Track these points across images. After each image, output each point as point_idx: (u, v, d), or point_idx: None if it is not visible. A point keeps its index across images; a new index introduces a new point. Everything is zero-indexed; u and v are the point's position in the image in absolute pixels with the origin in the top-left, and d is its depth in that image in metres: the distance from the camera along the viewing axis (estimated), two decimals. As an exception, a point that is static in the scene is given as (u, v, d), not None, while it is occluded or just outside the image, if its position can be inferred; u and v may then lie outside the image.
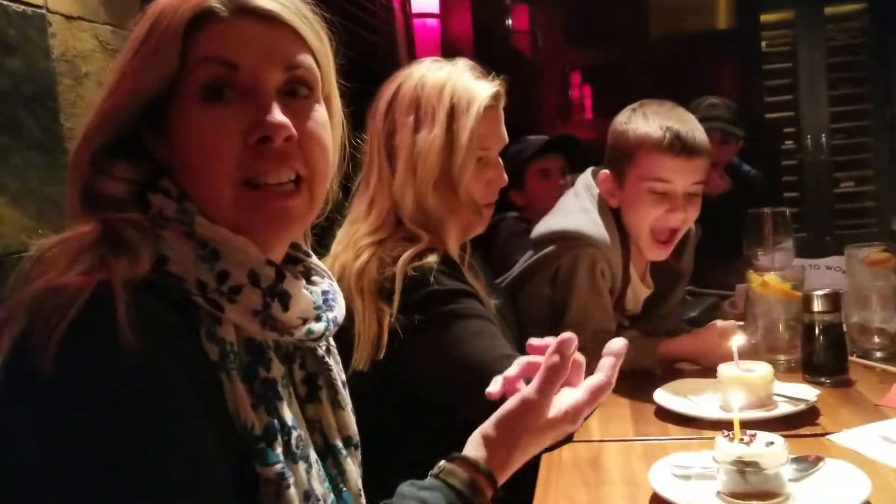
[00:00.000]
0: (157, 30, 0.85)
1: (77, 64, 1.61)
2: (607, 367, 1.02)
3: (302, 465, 0.88)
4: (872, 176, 5.78)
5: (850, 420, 1.42)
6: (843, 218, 5.69)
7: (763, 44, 6.14)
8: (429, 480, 0.95)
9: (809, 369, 1.65)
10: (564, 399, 0.99)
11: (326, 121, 0.94)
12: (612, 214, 1.89)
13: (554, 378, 0.97)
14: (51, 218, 1.45)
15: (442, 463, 0.97)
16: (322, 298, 0.98)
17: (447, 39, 4.07)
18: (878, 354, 1.77)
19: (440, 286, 1.46)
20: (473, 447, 0.98)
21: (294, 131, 0.87)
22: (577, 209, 1.91)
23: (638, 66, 6.02)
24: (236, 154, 0.86)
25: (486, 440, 0.98)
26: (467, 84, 1.57)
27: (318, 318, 0.94)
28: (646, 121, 1.82)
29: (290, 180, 0.89)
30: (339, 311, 1.00)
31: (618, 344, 1.04)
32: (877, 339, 1.79)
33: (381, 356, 1.42)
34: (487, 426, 0.99)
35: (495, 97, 1.59)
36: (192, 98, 0.85)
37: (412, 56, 3.78)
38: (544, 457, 1.38)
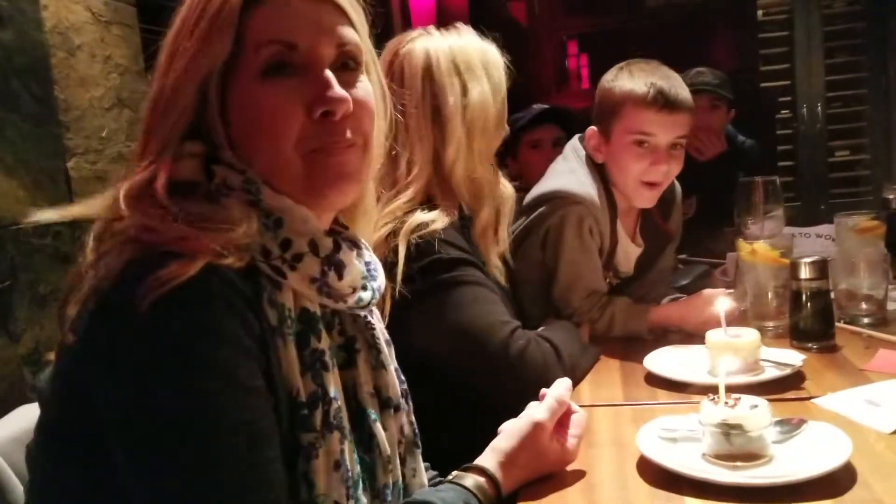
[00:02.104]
0: (211, 9, 0.88)
1: (70, 36, 1.62)
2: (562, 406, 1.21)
3: (336, 435, 0.92)
4: (867, 145, 5.77)
5: (835, 384, 1.44)
6: (837, 187, 5.69)
7: (759, 12, 6.11)
8: (444, 485, 1.05)
9: (796, 335, 1.68)
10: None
11: (371, 90, 0.99)
12: (599, 174, 1.92)
13: (559, 407, 1.19)
14: (45, 189, 1.47)
15: (454, 472, 1.08)
16: (366, 268, 1.02)
17: (442, 8, 4.05)
18: (866, 321, 1.79)
19: (443, 254, 1.48)
20: (485, 457, 1.13)
21: (352, 105, 0.92)
22: (564, 171, 1.95)
23: (635, 35, 5.99)
24: (300, 126, 0.90)
25: (497, 450, 1.13)
26: (482, 42, 1.62)
27: (364, 287, 0.99)
28: (631, 78, 1.87)
29: (348, 146, 0.95)
30: (381, 280, 1.05)
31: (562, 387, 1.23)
32: (864, 306, 1.81)
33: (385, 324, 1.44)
34: (500, 440, 1.15)
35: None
36: (253, 76, 0.89)
37: (407, 25, 3.77)
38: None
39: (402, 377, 1.12)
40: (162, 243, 0.79)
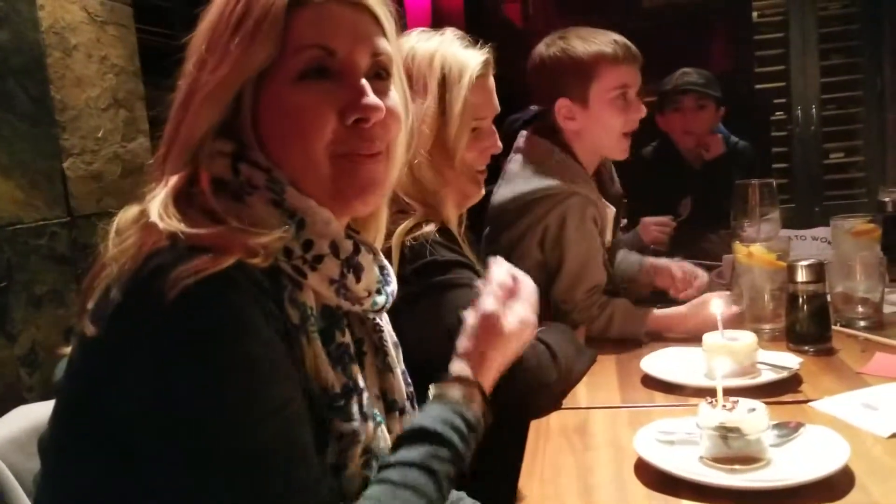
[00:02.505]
0: (256, 12, 0.89)
1: (66, 36, 1.61)
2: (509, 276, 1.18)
3: (371, 424, 0.96)
4: (862, 147, 5.79)
5: (832, 387, 1.45)
6: (832, 189, 5.70)
7: (755, 14, 6.12)
8: (430, 405, 1.02)
9: (793, 338, 1.68)
10: (516, 310, 1.15)
11: (399, 100, 1.01)
12: (569, 154, 1.96)
13: (503, 290, 1.16)
14: (41, 189, 1.46)
15: (432, 387, 1.05)
16: (381, 273, 1.03)
17: (437, 9, 4.05)
18: (862, 323, 1.80)
19: (438, 257, 1.48)
20: (455, 366, 1.10)
21: (384, 113, 0.94)
22: (531, 174, 1.94)
23: (629, 36, 5.99)
24: (332, 130, 0.92)
25: (464, 355, 1.11)
26: (457, 53, 1.57)
27: (379, 291, 1.01)
28: (588, 42, 1.96)
29: (378, 152, 0.97)
30: (394, 285, 1.07)
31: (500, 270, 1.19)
32: (860, 309, 1.82)
33: None
34: (461, 344, 1.12)
35: (485, 65, 1.60)
36: (289, 78, 0.90)
37: (403, 27, 3.76)
38: (533, 424, 1.41)
39: (409, 380, 1.13)
40: (190, 238, 0.79)
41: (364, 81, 0.93)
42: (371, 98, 0.93)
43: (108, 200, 1.72)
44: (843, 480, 1.07)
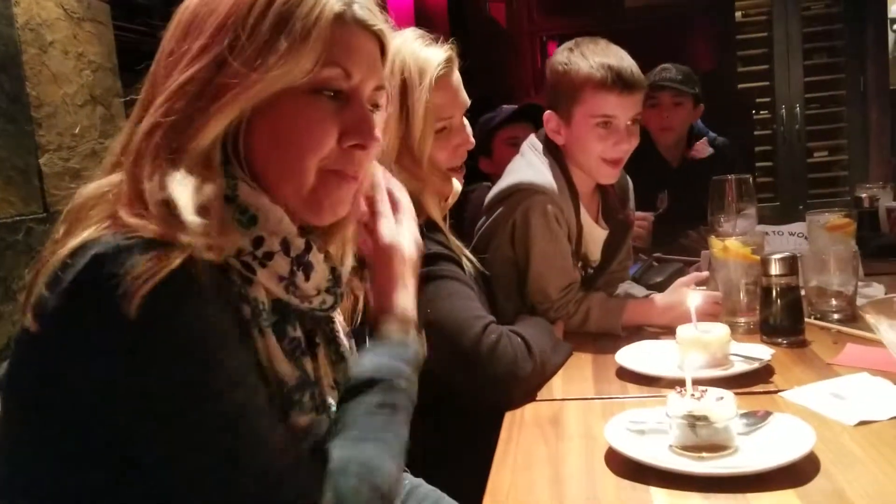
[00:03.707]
0: (300, 13, 0.88)
1: (42, 32, 1.61)
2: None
3: (325, 417, 0.97)
4: (845, 145, 5.83)
5: (803, 378, 1.46)
6: (816, 187, 5.74)
7: (738, 14, 6.16)
8: (368, 351, 1.04)
9: (766, 330, 1.70)
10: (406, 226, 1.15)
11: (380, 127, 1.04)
12: (558, 162, 1.95)
13: (385, 211, 1.13)
14: (17, 186, 1.46)
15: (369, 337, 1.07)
16: (332, 273, 1.02)
17: (420, 9, 4.06)
18: (836, 316, 1.81)
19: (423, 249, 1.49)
20: (377, 301, 1.11)
21: (379, 143, 0.99)
22: (522, 166, 1.97)
23: (613, 36, 6.01)
24: (330, 147, 0.94)
25: (376, 293, 1.11)
26: (417, 55, 1.56)
27: (328, 291, 1.01)
28: (585, 60, 1.90)
29: (358, 175, 1.00)
30: (343, 286, 1.06)
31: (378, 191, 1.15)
32: (834, 302, 1.83)
33: (358, 323, 1.44)
34: (371, 285, 1.13)
35: (447, 63, 1.59)
36: (304, 90, 0.91)
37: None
38: (507, 415, 1.42)
39: None
40: (138, 229, 0.79)
41: (369, 111, 0.97)
42: (374, 128, 0.97)
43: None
44: (808, 467, 1.09)
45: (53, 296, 0.78)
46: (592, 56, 1.90)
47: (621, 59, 1.90)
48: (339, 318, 1.10)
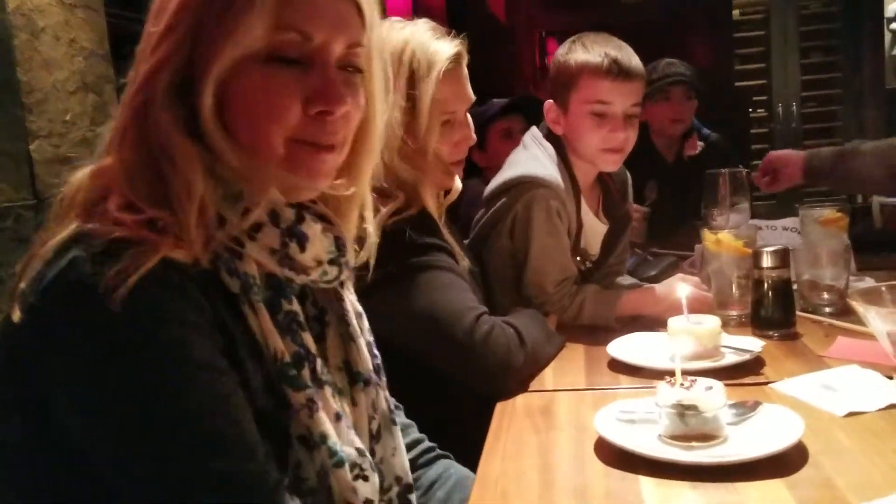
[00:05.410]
0: None
1: (34, 18, 1.61)
2: None
3: (328, 390, 0.94)
4: (841, 143, 5.84)
5: (794, 370, 1.46)
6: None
7: (736, 12, 6.17)
8: None
9: (758, 323, 1.70)
10: None
11: (376, 93, 1.00)
12: (560, 157, 1.94)
13: None
14: (7, 171, 1.46)
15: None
16: (335, 243, 1.00)
17: (418, 3, 4.05)
18: (828, 310, 1.81)
19: (416, 239, 1.49)
20: None
21: (350, 108, 0.93)
22: (525, 158, 1.96)
23: (610, 32, 6.01)
24: (296, 116, 0.90)
25: None
26: (426, 47, 1.56)
27: (331, 262, 0.98)
28: (585, 49, 1.91)
29: (334, 145, 0.95)
30: (350, 256, 1.04)
31: None
32: (826, 296, 1.83)
33: None
34: None
35: (456, 58, 1.59)
36: (261, 58, 0.87)
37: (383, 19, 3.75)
38: (499, 405, 1.42)
39: (376, 352, 1.11)
40: (119, 225, 0.80)
41: (334, 72, 0.92)
42: (339, 91, 0.91)
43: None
44: (797, 456, 1.09)
45: (34, 292, 0.79)
46: (592, 45, 1.91)
47: (620, 48, 1.91)
48: (349, 297, 1.08)
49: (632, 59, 1.91)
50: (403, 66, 1.54)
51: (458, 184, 1.68)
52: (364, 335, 1.09)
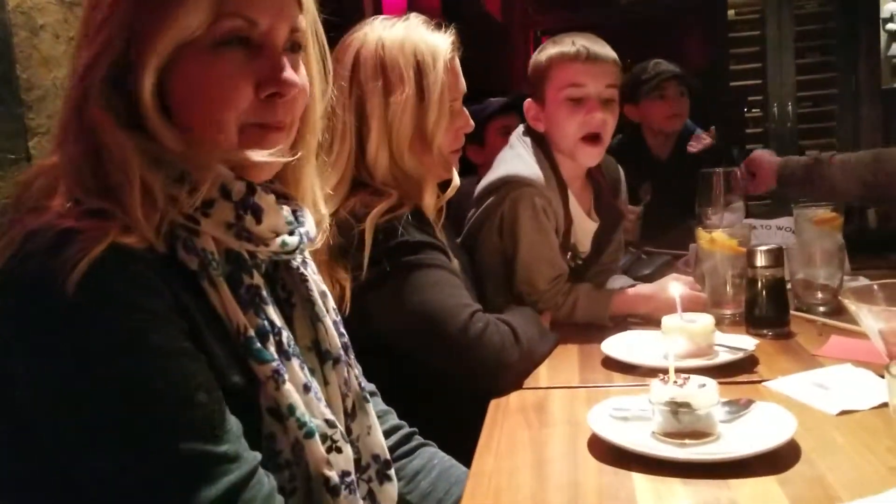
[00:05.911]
0: None
1: (33, 16, 1.60)
2: None
3: (296, 361, 0.95)
4: (837, 143, 5.86)
5: (787, 368, 1.47)
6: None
7: (731, 12, 6.18)
8: None
9: (752, 321, 1.71)
10: None
11: (314, 72, 1.03)
12: (545, 155, 1.96)
13: None
14: (6, 169, 1.46)
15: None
16: (293, 215, 1.02)
17: (414, 1, 4.06)
18: (821, 309, 1.82)
19: (409, 237, 1.50)
20: None
21: (299, 89, 0.95)
22: (510, 157, 1.99)
23: (606, 32, 6.01)
24: (247, 101, 0.92)
25: None
26: (427, 38, 1.58)
27: (290, 233, 0.99)
28: (555, 44, 1.97)
29: (284, 126, 0.97)
30: (309, 226, 1.05)
31: None
32: (820, 295, 1.84)
33: (347, 313, 1.44)
34: None
35: (453, 47, 1.62)
36: (206, 44, 0.88)
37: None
38: (493, 402, 1.43)
39: (343, 330, 1.12)
40: (66, 217, 0.81)
41: (283, 57, 0.94)
42: (289, 74, 0.94)
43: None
44: (789, 454, 1.10)
45: None
46: (561, 39, 1.96)
47: (589, 38, 1.95)
48: (313, 277, 1.09)
49: (603, 46, 1.94)
50: (408, 58, 1.55)
51: (456, 179, 1.69)
52: (330, 314, 1.10)
